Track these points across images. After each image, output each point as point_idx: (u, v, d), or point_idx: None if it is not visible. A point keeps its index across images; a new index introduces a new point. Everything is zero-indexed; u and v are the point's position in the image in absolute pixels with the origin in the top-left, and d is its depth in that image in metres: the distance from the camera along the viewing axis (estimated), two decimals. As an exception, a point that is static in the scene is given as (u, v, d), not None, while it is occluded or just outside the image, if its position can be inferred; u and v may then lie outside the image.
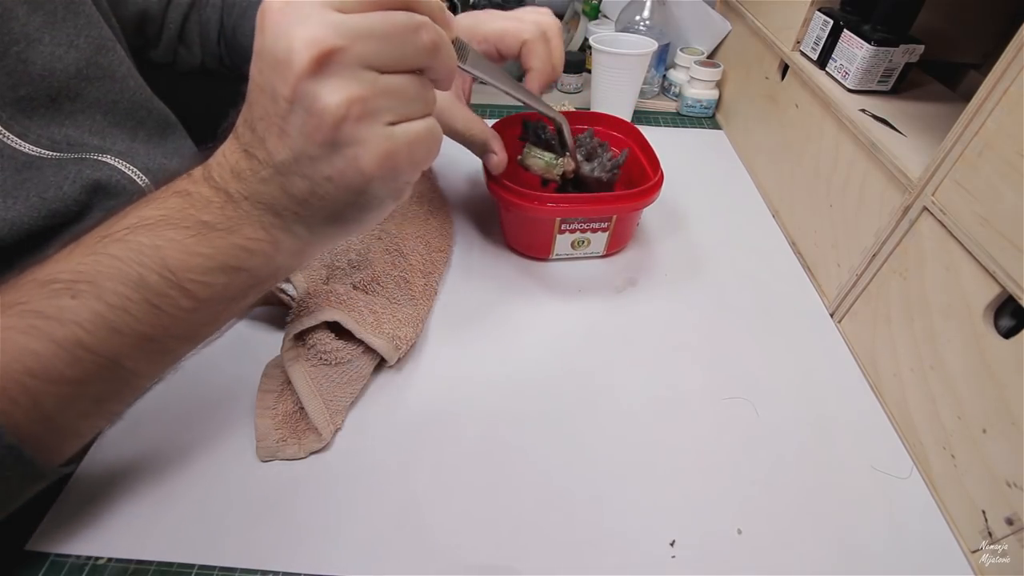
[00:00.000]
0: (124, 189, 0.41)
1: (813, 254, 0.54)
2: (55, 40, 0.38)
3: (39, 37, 0.37)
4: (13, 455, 0.25)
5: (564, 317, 0.48)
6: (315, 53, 0.24)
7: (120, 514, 0.34)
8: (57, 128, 0.39)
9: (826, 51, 0.55)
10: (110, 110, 0.42)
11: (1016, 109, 0.32)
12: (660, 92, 0.84)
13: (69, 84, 0.39)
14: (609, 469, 0.37)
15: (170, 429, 0.37)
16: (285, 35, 0.24)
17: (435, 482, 0.36)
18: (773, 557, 0.34)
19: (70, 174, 0.38)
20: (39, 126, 0.38)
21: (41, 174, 0.37)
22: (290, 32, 0.24)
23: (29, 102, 0.37)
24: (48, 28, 0.38)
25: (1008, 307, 0.34)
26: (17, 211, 0.35)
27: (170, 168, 0.46)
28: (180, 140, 0.50)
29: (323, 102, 0.25)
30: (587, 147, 0.52)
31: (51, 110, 0.38)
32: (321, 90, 0.25)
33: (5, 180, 0.35)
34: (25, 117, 0.37)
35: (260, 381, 0.37)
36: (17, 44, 0.36)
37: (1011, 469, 0.32)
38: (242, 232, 0.29)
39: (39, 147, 0.37)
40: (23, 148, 0.36)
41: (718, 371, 0.44)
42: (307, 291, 0.41)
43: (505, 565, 0.33)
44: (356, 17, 0.25)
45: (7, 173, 0.35)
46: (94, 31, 0.41)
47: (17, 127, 0.36)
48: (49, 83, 0.38)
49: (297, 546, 0.33)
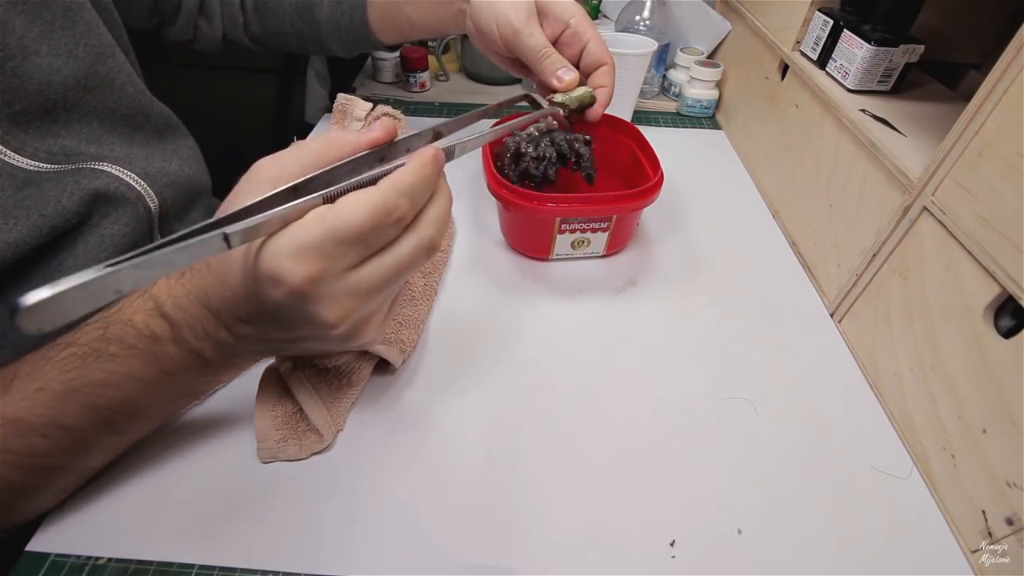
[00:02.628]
0: (123, 196, 0.40)
1: (813, 254, 0.54)
2: (53, 50, 0.37)
3: (37, 48, 0.36)
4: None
5: (564, 317, 0.48)
6: (344, 321, 0.27)
7: (120, 514, 0.34)
8: (53, 139, 0.38)
9: (826, 51, 0.55)
10: (107, 117, 0.41)
11: (1016, 109, 0.32)
12: (660, 92, 0.84)
13: (67, 95, 0.38)
14: (609, 469, 0.37)
15: (170, 429, 0.37)
16: (314, 316, 0.26)
17: (435, 482, 0.36)
18: (773, 557, 0.34)
19: (68, 186, 0.37)
20: (35, 139, 0.37)
21: (40, 190, 0.36)
22: (320, 314, 0.26)
23: (24, 115, 0.36)
24: (46, 38, 0.36)
25: (1008, 307, 0.34)
26: (20, 232, 0.34)
27: (169, 170, 0.45)
28: (179, 140, 0.49)
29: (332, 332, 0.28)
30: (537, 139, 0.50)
31: (47, 121, 0.37)
32: (350, 334, 0.28)
33: (6, 200, 0.34)
34: (21, 131, 0.36)
35: (259, 385, 0.37)
36: (13, 59, 0.34)
37: (1011, 469, 0.32)
38: (213, 374, 0.33)
39: (36, 160, 0.36)
40: (21, 164, 0.35)
41: (718, 371, 0.44)
42: None
43: (505, 565, 0.33)
44: (372, 276, 0.27)
45: (8, 192, 0.34)
46: (93, 38, 0.40)
47: (14, 142, 0.35)
48: (46, 96, 0.37)
49: (297, 546, 0.33)
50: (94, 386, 0.29)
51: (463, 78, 0.87)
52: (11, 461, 0.29)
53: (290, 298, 0.25)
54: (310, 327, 0.27)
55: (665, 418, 0.41)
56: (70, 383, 0.29)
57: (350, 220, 0.24)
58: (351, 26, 0.57)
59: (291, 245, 0.24)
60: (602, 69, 0.47)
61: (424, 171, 0.27)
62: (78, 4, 0.39)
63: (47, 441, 0.29)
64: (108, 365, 0.29)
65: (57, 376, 0.29)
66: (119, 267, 0.21)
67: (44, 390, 0.28)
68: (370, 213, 0.25)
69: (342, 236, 0.25)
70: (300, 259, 0.24)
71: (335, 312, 0.26)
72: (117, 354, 0.29)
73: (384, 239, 0.26)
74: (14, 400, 0.28)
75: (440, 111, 0.78)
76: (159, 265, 0.22)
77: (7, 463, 0.29)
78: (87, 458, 0.32)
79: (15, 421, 0.28)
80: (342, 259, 0.25)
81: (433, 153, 0.28)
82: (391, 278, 0.27)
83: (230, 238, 0.23)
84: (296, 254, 0.24)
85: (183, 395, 0.33)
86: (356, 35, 0.58)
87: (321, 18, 0.58)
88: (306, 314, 0.26)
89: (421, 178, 0.27)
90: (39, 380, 0.29)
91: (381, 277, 0.27)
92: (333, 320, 0.26)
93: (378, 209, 0.25)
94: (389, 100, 0.79)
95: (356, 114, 0.58)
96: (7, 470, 0.29)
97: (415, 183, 0.26)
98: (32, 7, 0.36)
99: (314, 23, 0.58)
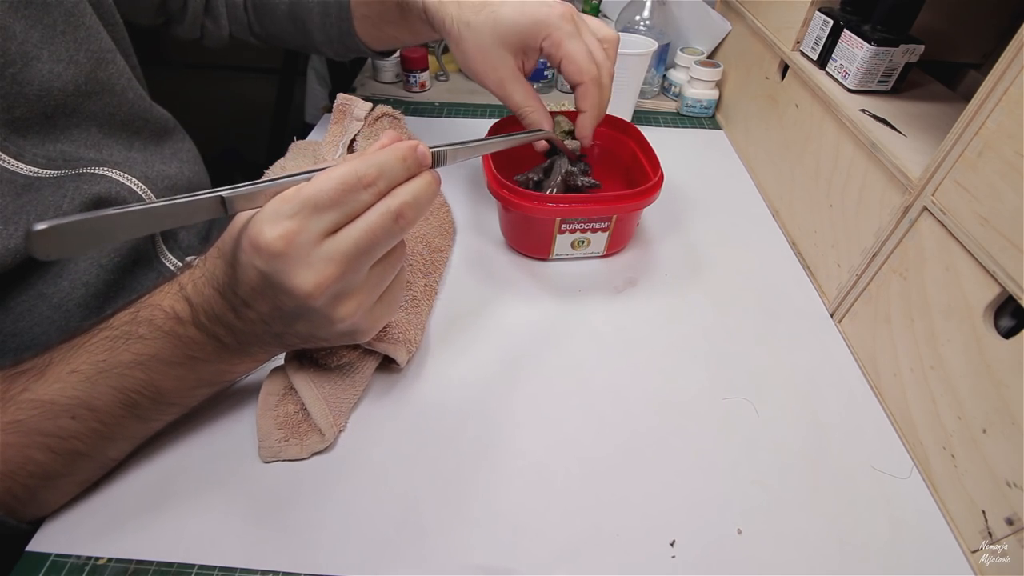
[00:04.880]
0: (124, 200, 0.40)
1: (813, 254, 0.54)
2: (54, 56, 0.36)
3: (37, 54, 0.36)
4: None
5: (564, 317, 0.48)
6: (322, 290, 0.28)
7: (120, 514, 0.34)
8: (52, 145, 0.38)
9: (826, 51, 0.55)
10: (107, 123, 0.41)
11: (1016, 109, 0.32)
12: (660, 92, 0.84)
13: (67, 101, 0.38)
14: (609, 469, 0.37)
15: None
16: (291, 282, 0.28)
17: (435, 482, 0.36)
18: (773, 557, 0.34)
19: (68, 192, 0.37)
20: (34, 144, 0.36)
21: (40, 196, 0.36)
22: (296, 280, 0.28)
23: (23, 122, 0.36)
24: (47, 43, 0.36)
25: (1008, 307, 0.34)
26: (19, 238, 0.34)
27: (169, 173, 0.45)
28: (179, 143, 0.49)
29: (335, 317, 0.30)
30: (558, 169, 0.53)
31: (46, 127, 0.37)
32: (331, 309, 0.30)
33: (6, 206, 0.34)
34: (20, 137, 0.36)
35: (263, 385, 0.37)
36: (13, 65, 0.34)
37: (1011, 469, 0.32)
38: (230, 362, 0.34)
39: (36, 166, 0.36)
40: (20, 170, 0.35)
41: (718, 371, 0.44)
42: None
43: (505, 565, 0.33)
44: (344, 241, 0.28)
45: (7, 199, 0.34)
46: (94, 44, 0.39)
47: (13, 148, 0.35)
48: (45, 102, 0.37)
49: (297, 546, 0.33)
50: (123, 367, 0.30)
51: (463, 78, 0.86)
52: (42, 443, 0.30)
53: (267, 262, 0.27)
54: (289, 297, 0.28)
55: (665, 418, 0.41)
56: (100, 364, 0.30)
57: (322, 186, 0.27)
58: (340, 36, 0.58)
59: (270, 212, 0.27)
60: (579, 90, 0.45)
61: (397, 151, 0.29)
62: (79, 9, 0.39)
63: (76, 423, 0.30)
64: (137, 346, 0.30)
65: (89, 359, 0.30)
66: (123, 210, 0.24)
67: (76, 372, 0.30)
68: (341, 177, 0.27)
69: (315, 200, 0.27)
70: (276, 223, 0.27)
71: (312, 278, 0.28)
72: (145, 336, 0.31)
73: (356, 205, 0.28)
74: (48, 383, 0.30)
75: (440, 111, 0.78)
76: (163, 214, 0.25)
77: (38, 444, 0.29)
78: (111, 445, 0.33)
79: (48, 403, 0.29)
80: (316, 223, 0.27)
81: (412, 143, 0.30)
82: (362, 244, 0.28)
83: (226, 202, 0.26)
84: (273, 218, 0.27)
85: (203, 383, 0.34)
86: (346, 44, 0.59)
87: (311, 27, 0.58)
88: (284, 281, 0.28)
89: (393, 155, 0.29)
90: (72, 363, 0.30)
91: (353, 242, 0.28)
92: (310, 288, 0.28)
93: (347, 175, 0.27)
94: (389, 100, 0.79)
95: (356, 114, 0.58)
96: (37, 452, 0.30)
97: (386, 157, 0.29)
98: (33, 12, 0.36)
99: (305, 32, 0.59)
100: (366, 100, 0.59)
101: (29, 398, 0.29)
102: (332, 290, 0.29)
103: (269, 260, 0.27)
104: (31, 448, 0.29)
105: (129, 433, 0.34)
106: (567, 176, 0.51)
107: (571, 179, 0.51)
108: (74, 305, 0.38)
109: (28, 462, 0.30)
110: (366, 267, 0.30)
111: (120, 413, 0.31)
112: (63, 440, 0.30)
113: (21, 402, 0.29)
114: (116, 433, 0.32)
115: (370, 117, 0.58)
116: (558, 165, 0.51)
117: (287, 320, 0.31)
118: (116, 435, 0.33)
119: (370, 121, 0.58)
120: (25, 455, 0.29)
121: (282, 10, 0.58)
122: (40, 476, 0.30)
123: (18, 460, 0.29)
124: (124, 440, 0.34)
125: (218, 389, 0.36)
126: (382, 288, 0.33)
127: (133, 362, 0.31)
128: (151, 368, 0.31)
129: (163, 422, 0.35)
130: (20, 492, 0.30)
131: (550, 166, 0.52)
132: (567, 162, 0.51)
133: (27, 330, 0.37)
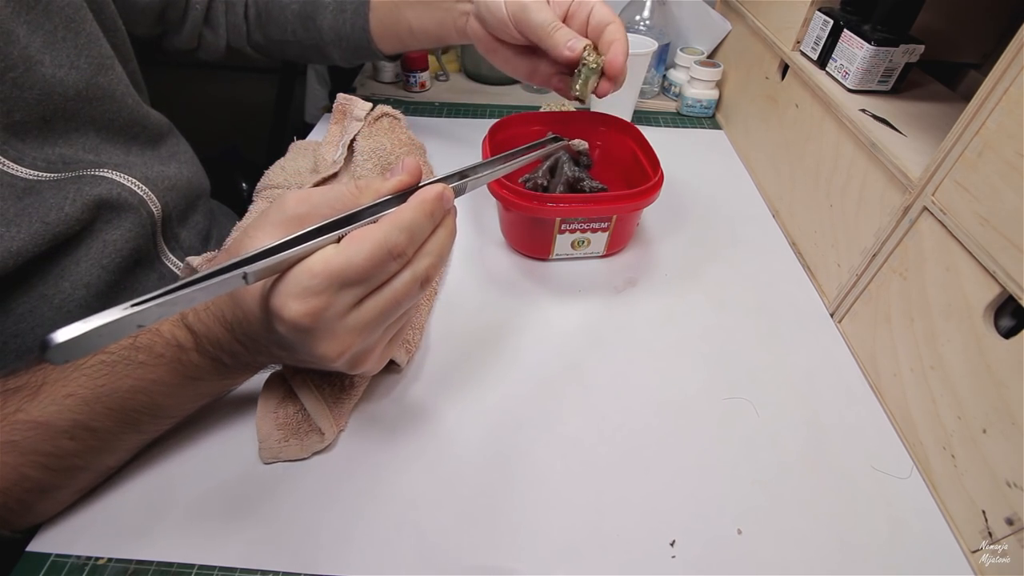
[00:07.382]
0: (126, 202, 0.40)
1: (813, 254, 0.54)
2: (55, 61, 0.37)
3: (40, 59, 0.36)
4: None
5: (564, 317, 0.48)
6: (344, 355, 0.28)
7: (120, 514, 0.34)
8: (51, 148, 0.38)
9: (826, 51, 0.55)
10: (105, 127, 0.42)
11: (1016, 109, 0.32)
12: (660, 92, 0.84)
13: (66, 106, 0.38)
14: (609, 469, 0.37)
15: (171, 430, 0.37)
16: (315, 349, 0.28)
17: (435, 481, 0.36)
18: (773, 557, 0.34)
19: (70, 193, 0.37)
20: (32, 148, 0.37)
21: (42, 198, 0.36)
22: (320, 349, 0.28)
23: (22, 125, 0.36)
24: (49, 49, 0.36)
25: (1008, 307, 0.34)
26: (21, 240, 0.34)
27: (169, 174, 0.45)
28: (175, 145, 0.49)
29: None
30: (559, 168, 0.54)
31: (44, 131, 0.37)
32: (349, 366, 0.30)
33: (7, 209, 0.34)
34: (19, 140, 0.36)
35: (263, 387, 0.37)
36: (15, 69, 0.34)
37: (1011, 469, 0.32)
38: (231, 378, 0.35)
39: (36, 169, 0.36)
40: (20, 173, 0.35)
41: (718, 371, 0.44)
42: None
43: (505, 565, 0.33)
44: (371, 312, 0.28)
45: (8, 202, 0.34)
46: (95, 50, 0.40)
47: (12, 152, 0.35)
48: (45, 106, 0.37)
49: (297, 546, 0.33)
50: (124, 392, 0.30)
51: (463, 78, 0.87)
52: (39, 462, 0.29)
53: (293, 333, 0.27)
54: (311, 358, 0.29)
55: (665, 418, 0.41)
56: (99, 389, 0.30)
57: (352, 261, 0.26)
58: (352, 33, 0.58)
59: (296, 287, 0.26)
60: (611, 27, 0.44)
61: (424, 207, 0.28)
62: (80, 15, 0.39)
63: (74, 443, 0.30)
64: (137, 372, 0.30)
65: (86, 383, 0.30)
66: (145, 306, 0.22)
67: (73, 395, 0.29)
68: (370, 252, 0.26)
69: (344, 278, 0.26)
70: (303, 300, 0.26)
71: (335, 347, 0.28)
72: (146, 362, 0.30)
73: (384, 276, 0.28)
74: (43, 405, 0.29)
75: (440, 111, 0.78)
76: (182, 303, 0.24)
77: (34, 464, 0.29)
78: (109, 457, 0.33)
79: (44, 425, 0.29)
80: (343, 298, 0.27)
81: (438, 191, 0.29)
82: (387, 312, 0.28)
83: (248, 277, 0.25)
84: (300, 295, 0.26)
85: (204, 396, 0.35)
86: (356, 43, 0.58)
87: (323, 25, 0.58)
88: (308, 347, 0.28)
89: (422, 213, 0.28)
90: (69, 386, 0.30)
91: (378, 312, 0.28)
92: (333, 355, 0.28)
93: (378, 247, 0.26)
94: (389, 100, 0.79)
95: (356, 114, 0.58)
96: (34, 471, 0.29)
97: (416, 219, 0.28)
98: (36, 17, 0.36)
99: (316, 30, 0.58)
100: (366, 100, 0.59)
101: (23, 419, 0.29)
102: (353, 352, 0.29)
103: (292, 331, 0.27)
104: (26, 467, 0.29)
105: (127, 446, 0.34)
106: (574, 181, 0.51)
107: (578, 184, 0.52)
108: (76, 306, 0.38)
109: (23, 479, 0.29)
110: (386, 326, 0.30)
111: (119, 431, 0.32)
112: (60, 459, 0.30)
113: (15, 423, 0.29)
114: (114, 447, 0.33)
115: (370, 117, 0.58)
116: (562, 166, 0.51)
117: (301, 362, 0.32)
118: (114, 448, 0.33)
119: (370, 121, 0.58)
120: (20, 473, 0.29)
121: (292, 9, 0.58)
122: (36, 490, 0.30)
123: (13, 478, 0.29)
124: (122, 451, 0.34)
125: (217, 397, 0.37)
126: (393, 331, 0.33)
127: (134, 388, 0.31)
128: (152, 391, 0.31)
129: (162, 431, 0.35)
130: (15, 506, 0.30)
131: (554, 166, 0.52)
132: (572, 164, 0.51)
133: (29, 331, 0.37)
